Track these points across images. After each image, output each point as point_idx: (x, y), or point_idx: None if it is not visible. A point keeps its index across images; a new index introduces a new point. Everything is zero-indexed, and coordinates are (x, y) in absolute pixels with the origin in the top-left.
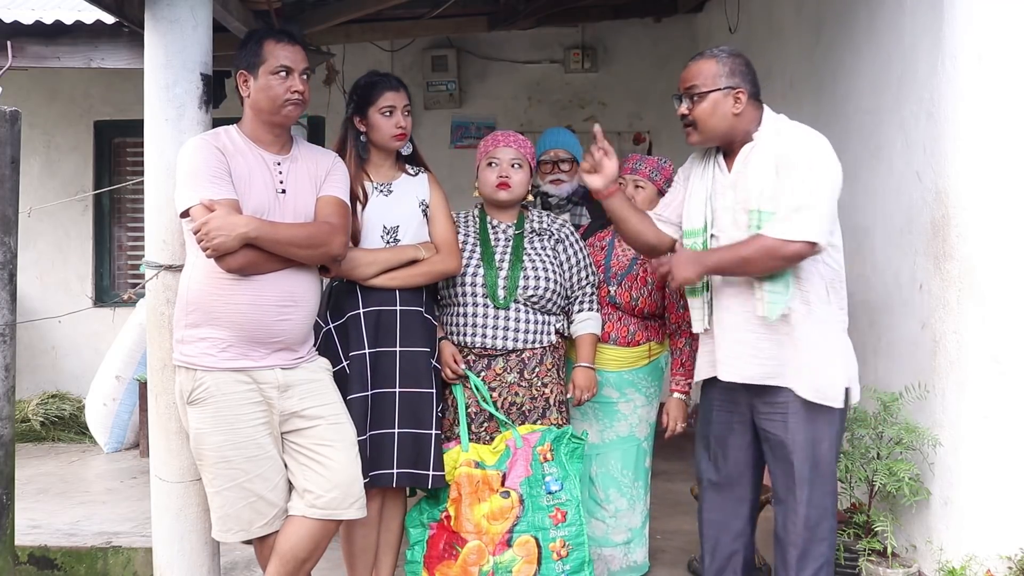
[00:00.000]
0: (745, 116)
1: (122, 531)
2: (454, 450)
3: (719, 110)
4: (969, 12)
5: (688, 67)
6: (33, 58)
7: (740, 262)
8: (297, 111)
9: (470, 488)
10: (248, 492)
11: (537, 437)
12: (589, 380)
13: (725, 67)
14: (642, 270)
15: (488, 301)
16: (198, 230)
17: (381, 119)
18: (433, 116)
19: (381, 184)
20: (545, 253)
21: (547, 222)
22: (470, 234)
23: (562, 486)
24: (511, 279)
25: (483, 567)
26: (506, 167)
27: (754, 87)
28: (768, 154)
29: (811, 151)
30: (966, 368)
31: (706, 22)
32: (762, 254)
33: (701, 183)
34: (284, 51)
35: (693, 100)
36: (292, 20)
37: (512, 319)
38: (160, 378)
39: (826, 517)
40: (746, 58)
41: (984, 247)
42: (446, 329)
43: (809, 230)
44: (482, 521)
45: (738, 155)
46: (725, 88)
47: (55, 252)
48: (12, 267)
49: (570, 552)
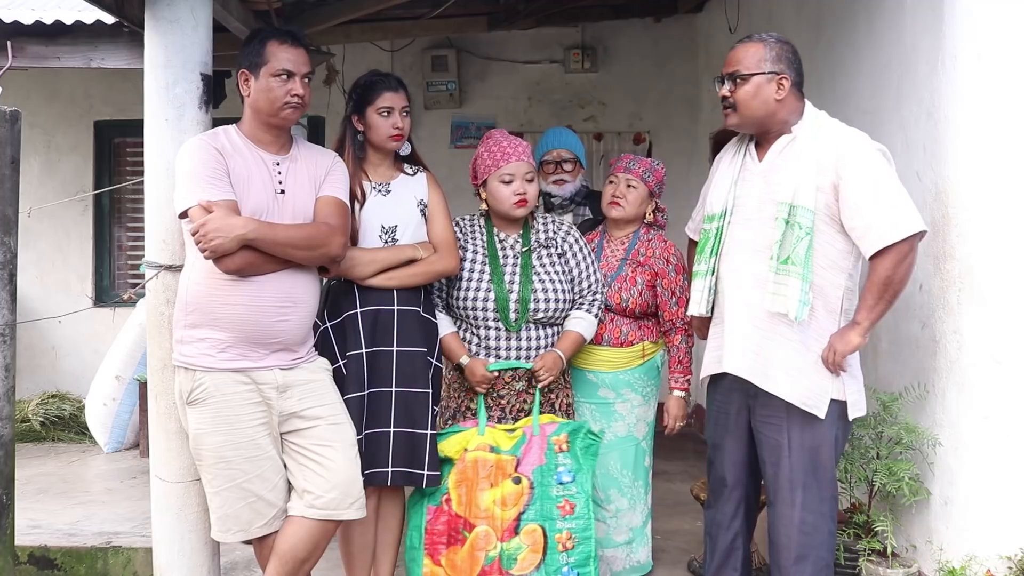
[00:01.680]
0: (786, 104)
1: (122, 531)
2: (469, 431)
3: (761, 94)
4: (969, 12)
5: (735, 48)
6: (33, 58)
7: (883, 291)
8: (296, 114)
9: (483, 472)
10: (247, 492)
11: (554, 427)
12: (555, 363)
13: (772, 52)
14: (631, 270)
15: (500, 325)
16: (196, 231)
17: (378, 119)
18: (433, 116)
19: (379, 184)
20: (554, 270)
21: (552, 230)
22: (478, 249)
23: (574, 478)
24: (522, 302)
25: (490, 552)
26: (521, 183)
27: (798, 76)
28: (808, 152)
29: (868, 151)
30: (966, 368)
31: (706, 22)
32: (896, 268)
33: (728, 168)
34: (287, 54)
35: (736, 82)
36: (292, 20)
37: (524, 338)
38: (160, 378)
39: (823, 522)
40: (793, 46)
41: (984, 247)
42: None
43: (912, 220)
44: (492, 506)
45: (773, 145)
46: (769, 73)
47: (55, 252)
48: (12, 267)
49: (576, 545)
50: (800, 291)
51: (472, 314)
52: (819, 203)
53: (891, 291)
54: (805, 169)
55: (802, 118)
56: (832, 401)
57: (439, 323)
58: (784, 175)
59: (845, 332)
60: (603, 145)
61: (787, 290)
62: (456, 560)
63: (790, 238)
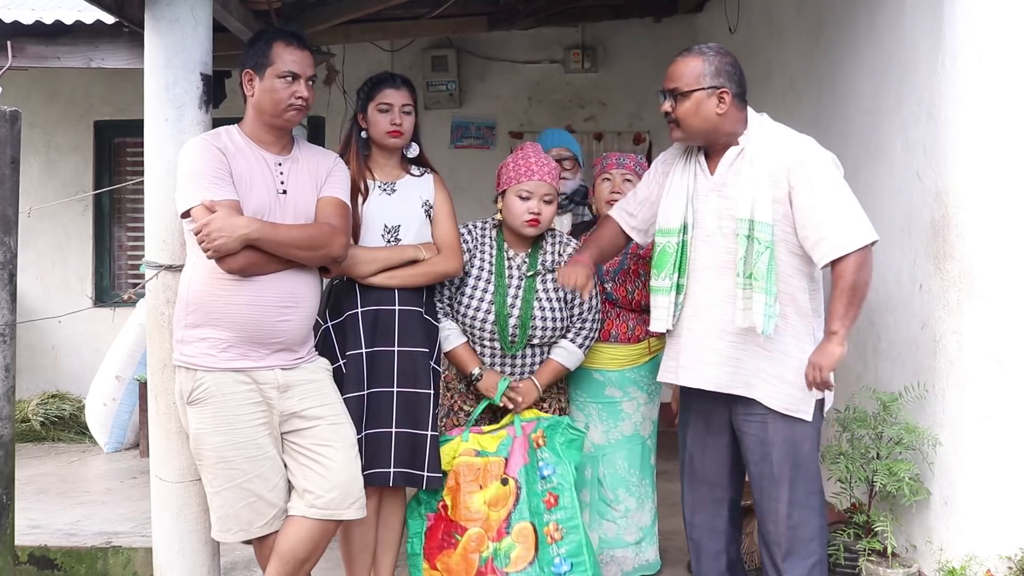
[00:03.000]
0: (729, 117)
1: (122, 531)
2: (455, 439)
3: (702, 110)
4: (969, 12)
5: (675, 63)
6: (33, 58)
7: (851, 296)
8: (299, 116)
9: (471, 476)
10: (247, 492)
11: (533, 425)
12: (530, 393)
13: (711, 66)
14: (632, 263)
15: (497, 345)
16: (199, 231)
17: (378, 115)
18: (433, 116)
19: (385, 183)
20: (556, 295)
21: (558, 252)
22: (485, 263)
23: (554, 470)
24: (521, 327)
25: (483, 553)
26: (538, 202)
27: (740, 87)
28: (760, 164)
29: (818, 159)
30: (966, 368)
31: (706, 22)
32: (859, 273)
33: (682, 182)
34: (293, 55)
35: (676, 99)
36: (292, 20)
37: (519, 358)
38: (160, 378)
39: (812, 515)
40: (733, 57)
41: (984, 247)
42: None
43: (864, 230)
44: (483, 508)
45: (723, 158)
46: (709, 88)
47: (55, 252)
48: (12, 267)
49: (564, 535)
50: (765, 305)
51: (471, 330)
52: (777, 214)
53: (858, 296)
54: (759, 182)
55: (747, 127)
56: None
57: (449, 334)
58: (739, 191)
59: (824, 347)
60: (603, 145)
61: (753, 304)
62: (451, 564)
63: (752, 253)
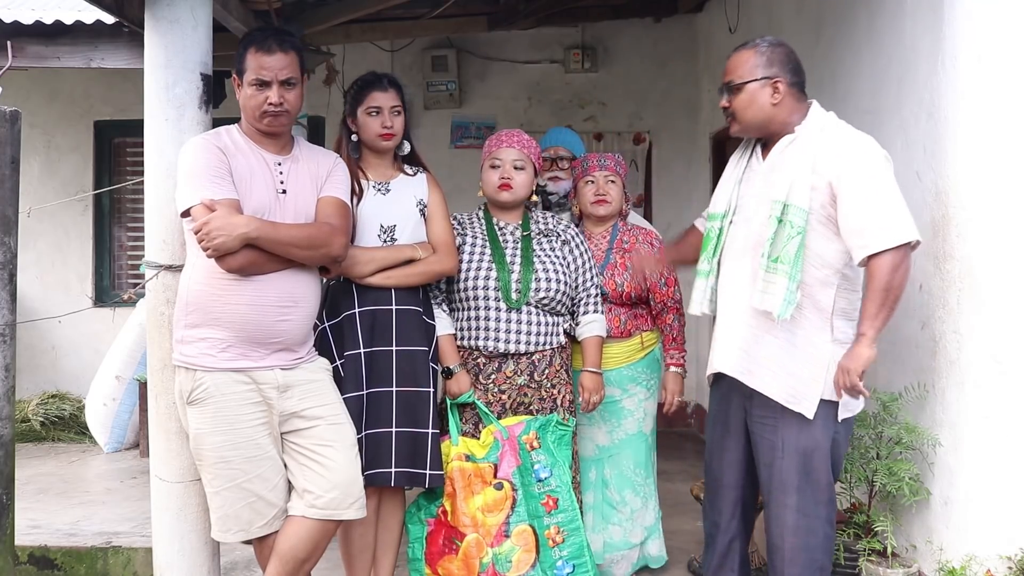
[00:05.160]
0: (784, 106)
1: (122, 531)
2: (444, 444)
3: (756, 101)
4: (969, 12)
5: (730, 58)
6: (33, 58)
7: (884, 298)
8: (278, 121)
9: (463, 482)
10: (247, 492)
11: (521, 427)
12: (597, 383)
13: (763, 57)
14: (619, 257)
15: (501, 304)
16: (199, 230)
17: (368, 119)
18: (433, 116)
19: (379, 183)
20: (554, 254)
21: (552, 223)
22: (477, 235)
23: (551, 472)
24: (523, 281)
25: (483, 559)
26: (508, 168)
27: (796, 76)
28: (807, 151)
29: (867, 154)
30: (966, 368)
31: (706, 22)
32: (893, 273)
33: (735, 168)
34: (261, 62)
35: (732, 92)
36: (292, 20)
37: (524, 321)
38: (160, 378)
39: (818, 525)
40: (788, 48)
41: (984, 247)
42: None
43: (906, 229)
44: (478, 514)
45: (776, 145)
46: (762, 79)
47: (55, 252)
48: (12, 267)
49: (566, 538)
50: (786, 290)
51: (473, 294)
52: (814, 203)
53: (891, 298)
54: (801, 168)
55: (806, 118)
56: (825, 402)
57: (438, 321)
58: (781, 174)
59: (852, 349)
60: (603, 145)
61: (774, 288)
62: (453, 569)
63: (781, 236)
